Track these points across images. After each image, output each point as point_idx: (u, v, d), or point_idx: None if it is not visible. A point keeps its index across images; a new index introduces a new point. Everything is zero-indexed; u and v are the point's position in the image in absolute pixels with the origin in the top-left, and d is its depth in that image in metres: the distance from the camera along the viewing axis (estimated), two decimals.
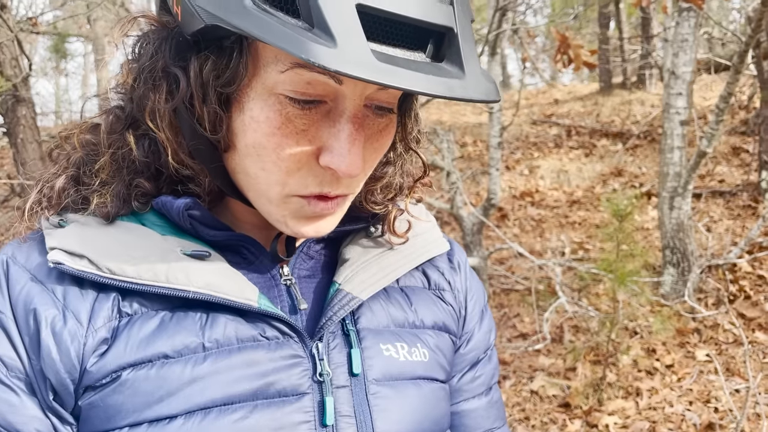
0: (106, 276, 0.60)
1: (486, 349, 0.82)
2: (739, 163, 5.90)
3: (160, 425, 0.58)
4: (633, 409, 3.30)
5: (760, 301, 3.95)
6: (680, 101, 4.14)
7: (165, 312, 0.62)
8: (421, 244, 0.76)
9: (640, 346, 3.74)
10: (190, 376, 0.59)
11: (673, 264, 4.11)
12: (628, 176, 6.13)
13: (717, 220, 4.98)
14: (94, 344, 0.59)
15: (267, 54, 0.56)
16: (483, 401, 0.81)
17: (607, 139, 7.14)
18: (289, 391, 0.62)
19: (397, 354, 0.69)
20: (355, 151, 0.58)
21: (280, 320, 0.63)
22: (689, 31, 4.13)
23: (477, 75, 0.54)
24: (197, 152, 0.62)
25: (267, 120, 0.57)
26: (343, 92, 0.57)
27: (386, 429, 0.65)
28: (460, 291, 0.80)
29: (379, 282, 0.70)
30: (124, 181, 0.64)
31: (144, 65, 0.61)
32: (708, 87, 8.31)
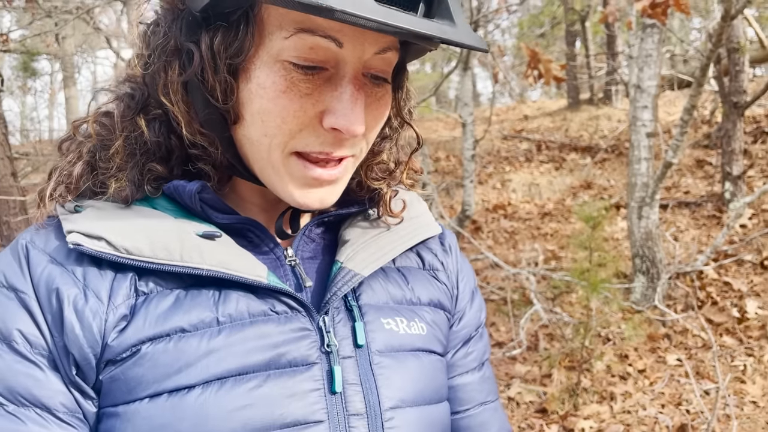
0: (123, 256, 0.62)
1: (477, 326, 0.87)
2: (703, 175, 6.08)
3: (180, 395, 0.61)
4: (608, 413, 3.36)
5: (726, 306, 4.07)
6: (646, 114, 4.28)
7: (179, 290, 0.65)
8: (416, 226, 0.81)
9: (613, 352, 3.82)
10: (206, 349, 0.62)
11: (643, 272, 4.22)
12: (597, 189, 6.27)
13: (683, 230, 5.13)
14: (114, 320, 0.62)
15: (271, 22, 0.61)
16: (476, 376, 0.85)
17: (576, 153, 7.31)
18: (299, 361, 0.65)
19: (397, 327, 0.73)
20: (358, 111, 0.62)
21: (288, 296, 0.67)
22: (653, 46, 4.28)
23: (466, 26, 0.60)
24: (209, 123, 0.65)
25: (273, 85, 0.61)
26: (344, 57, 0.61)
27: (390, 396, 0.68)
28: (452, 272, 0.85)
29: (378, 260, 0.74)
30: (138, 164, 0.67)
31: (157, 44, 0.65)
32: (671, 103, 8.57)
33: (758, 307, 3.98)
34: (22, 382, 0.60)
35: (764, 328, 3.80)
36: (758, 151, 6.26)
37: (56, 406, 0.61)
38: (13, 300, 0.62)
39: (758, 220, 4.99)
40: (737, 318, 3.94)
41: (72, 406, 0.62)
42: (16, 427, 0.59)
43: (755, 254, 4.52)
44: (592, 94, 9.64)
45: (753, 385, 3.38)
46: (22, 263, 0.64)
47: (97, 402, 0.63)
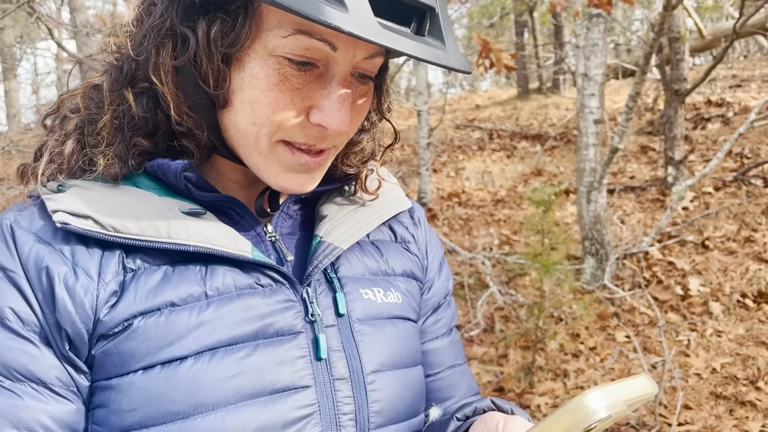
0: (110, 234, 0.64)
1: (445, 294, 0.92)
2: (647, 161, 6.32)
3: (173, 366, 0.63)
4: (561, 390, 3.49)
5: (670, 284, 4.26)
6: (593, 101, 4.43)
7: (166, 266, 0.67)
8: (388, 201, 0.85)
9: (565, 331, 3.97)
10: (196, 321, 0.65)
11: (592, 253, 4.38)
12: (547, 175, 6.45)
13: (629, 213, 5.33)
14: (105, 296, 0.64)
15: (270, 19, 0.63)
16: (445, 341, 0.90)
17: (526, 141, 7.48)
18: (285, 331, 0.69)
19: (375, 297, 0.77)
20: (344, 111, 0.66)
21: (272, 269, 0.70)
22: (599, 36, 4.43)
23: (455, 49, 0.64)
24: (197, 107, 0.68)
25: (266, 77, 0.64)
26: (336, 58, 0.65)
27: (371, 360, 0.73)
28: (422, 243, 0.90)
29: (355, 234, 0.78)
30: (125, 139, 0.69)
31: (153, 24, 0.66)
32: (616, 91, 8.84)
33: (700, 285, 4.18)
34: (17, 358, 0.62)
35: (706, 305, 4.00)
36: (698, 137, 6.53)
37: (51, 380, 0.63)
38: (2, 279, 0.64)
39: (699, 203, 5.22)
40: (681, 295, 4.13)
41: (66, 379, 0.64)
42: (13, 401, 0.61)
43: (697, 235, 4.74)
44: (541, 84, 9.86)
45: (696, 358, 3.56)
46: (8, 243, 0.65)
47: (90, 376, 0.65)
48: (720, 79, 8.69)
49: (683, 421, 3.08)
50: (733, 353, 3.55)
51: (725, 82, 8.64)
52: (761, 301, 3.93)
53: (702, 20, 9.29)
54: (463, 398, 0.90)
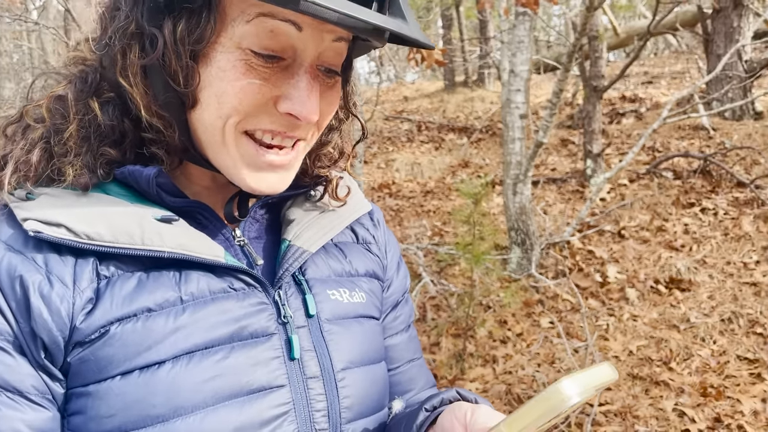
0: (84, 242, 0.64)
1: (403, 292, 0.96)
2: (567, 153, 6.59)
3: (151, 370, 0.64)
4: (491, 375, 3.63)
5: (590, 272, 4.49)
6: (519, 97, 4.58)
7: (140, 272, 0.67)
8: (352, 204, 0.88)
9: (493, 319, 4.11)
10: (173, 326, 0.66)
11: (518, 243, 4.55)
12: (474, 167, 6.62)
13: (552, 204, 5.55)
14: (81, 303, 0.64)
15: (233, 10, 0.64)
16: (404, 337, 0.94)
17: (453, 134, 7.64)
18: (259, 333, 0.71)
19: (341, 297, 0.80)
20: (313, 98, 0.68)
21: (244, 273, 0.72)
22: (525, 33, 4.58)
23: (416, 24, 0.66)
24: (167, 106, 0.68)
25: (233, 68, 0.65)
26: (302, 44, 0.66)
27: (340, 358, 0.76)
28: (381, 244, 0.93)
29: (323, 238, 0.80)
30: (93, 149, 0.69)
31: (118, 27, 0.66)
32: (538, 86, 9.14)
33: (617, 272, 4.42)
34: None
35: (623, 291, 4.24)
36: (614, 131, 6.87)
37: (27, 389, 0.62)
38: None
39: (615, 194, 5.51)
40: (600, 282, 4.36)
41: (42, 387, 0.63)
42: None
43: (614, 225, 5.00)
44: (467, 77, 10.07)
45: (615, 342, 3.78)
46: None
47: (65, 383, 0.65)
48: (633, 76, 9.15)
49: (603, 402, 3.27)
50: (647, 336, 3.79)
51: (638, 79, 9.11)
52: (672, 287, 4.21)
53: (616, 19, 9.72)
54: (421, 390, 0.94)
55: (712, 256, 4.48)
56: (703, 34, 7.07)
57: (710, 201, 5.12)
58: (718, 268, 4.35)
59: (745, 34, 6.61)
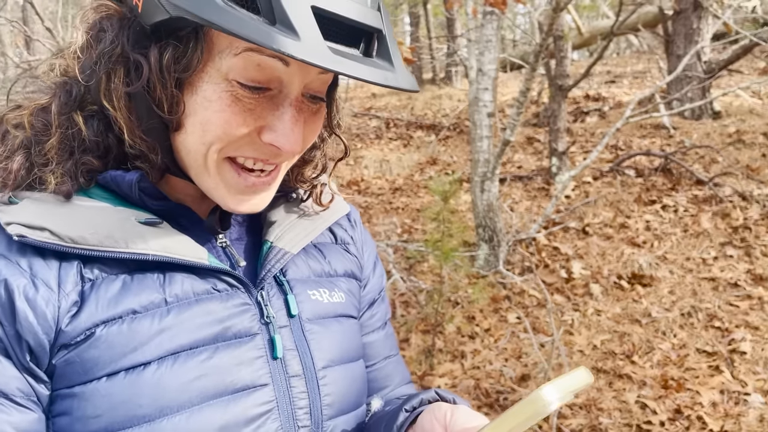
0: (68, 245, 0.65)
1: (380, 290, 0.98)
2: (533, 151, 6.70)
3: (137, 371, 0.65)
4: (459, 370, 3.68)
5: (556, 268, 4.58)
6: (487, 95, 4.64)
7: (124, 275, 0.68)
8: (331, 207, 0.90)
9: (462, 315, 4.16)
10: (158, 327, 0.67)
11: (486, 240, 4.61)
12: (442, 164, 6.67)
13: (518, 201, 5.64)
14: (67, 306, 0.65)
15: (221, 42, 0.65)
16: (381, 334, 0.97)
17: (421, 131, 7.69)
18: (243, 333, 0.72)
19: (321, 297, 0.82)
20: (297, 131, 0.69)
21: (227, 275, 0.73)
22: (493, 33, 4.63)
23: (403, 69, 0.68)
24: (150, 131, 0.69)
25: (219, 99, 0.66)
26: (287, 79, 0.67)
27: (321, 357, 0.78)
28: (359, 244, 0.95)
29: (304, 239, 0.82)
30: (75, 160, 0.69)
31: (103, 51, 0.66)
32: (504, 84, 9.25)
33: (582, 268, 4.52)
34: None
35: (587, 286, 4.34)
36: (578, 129, 7.00)
37: (13, 391, 0.63)
38: None
39: (580, 192, 5.62)
40: (565, 278, 4.45)
41: (27, 390, 0.64)
42: None
43: (578, 221, 5.11)
44: (435, 75, 10.13)
45: (579, 336, 3.87)
46: None
47: (50, 385, 0.65)
48: (596, 75, 9.33)
49: None
50: (611, 330, 3.88)
51: (601, 78, 9.29)
52: (635, 282, 4.32)
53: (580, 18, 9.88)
54: (398, 386, 0.96)
55: (672, 252, 4.61)
56: (664, 35, 7.25)
57: (671, 198, 5.26)
58: (678, 264, 4.48)
59: (704, 36, 6.80)
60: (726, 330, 3.75)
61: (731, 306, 3.98)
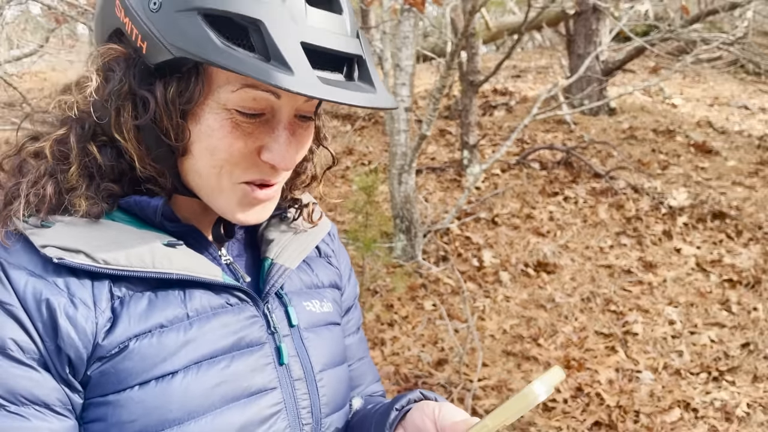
0: (102, 267, 0.72)
1: (354, 298, 1.08)
2: (445, 143, 6.93)
3: (166, 380, 0.73)
4: (380, 357, 3.83)
5: (468, 257, 4.82)
6: (405, 90, 4.78)
7: (149, 292, 0.76)
8: (319, 224, 0.99)
9: (381, 303, 4.32)
10: (183, 339, 0.75)
11: (403, 231, 4.78)
12: (358, 155, 6.78)
13: (432, 192, 5.85)
14: (103, 322, 0.72)
15: (220, 78, 0.73)
16: (356, 338, 1.07)
17: (337, 121, 7.75)
18: (254, 342, 0.81)
19: (314, 308, 0.92)
20: (291, 151, 0.78)
21: (238, 290, 0.82)
22: (410, 29, 4.77)
23: (383, 89, 0.77)
24: (159, 158, 0.76)
25: (221, 127, 0.74)
26: (280, 106, 0.76)
27: (318, 362, 0.88)
28: (337, 256, 1.05)
29: (300, 255, 0.92)
30: (97, 185, 0.76)
31: (113, 89, 0.73)
32: (416, 76, 9.44)
33: (492, 257, 4.79)
34: (21, 384, 0.68)
35: (497, 274, 4.61)
36: (487, 123, 7.30)
37: (53, 401, 0.70)
38: (1, 313, 0.68)
39: (489, 183, 5.90)
40: (477, 266, 4.70)
41: (65, 399, 0.71)
42: (21, 424, 0.68)
43: (488, 212, 5.38)
44: None
45: (490, 322, 4.12)
46: (2, 279, 0.69)
47: (83, 394, 0.72)
48: (503, 69, 9.70)
49: (482, 377, 3.58)
50: (519, 316, 4.16)
51: (507, 72, 9.69)
52: (540, 270, 4.63)
53: (488, 14, 10.23)
54: (370, 384, 1.08)
55: (573, 241, 4.97)
56: (566, 34, 7.68)
57: (571, 190, 5.64)
58: (578, 252, 4.84)
59: (602, 37, 7.27)
60: (620, 313, 4.12)
61: (625, 291, 4.37)
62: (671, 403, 3.31)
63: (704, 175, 5.88)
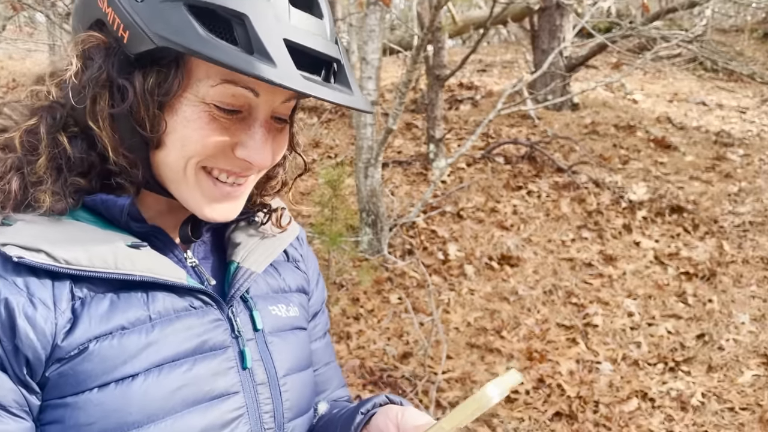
0: (63, 267, 0.71)
1: (321, 303, 1.09)
2: (411, 137, 6.96)
3: (126, 383, 0.73)
4: (345, 351, 3.85)
5: (434, 251, 4.86)
6: (371, 84, 4.78)
7: (111, 293, 0.75)
8: (288, 229, 0.99)
9: (347, 297, 4.33)
10: (145, 342, 0.75)
11: (369, 224, 4.79)
12: (325, 147, 6.77)
13: (398, 185, 5.87)
14: (63, 323, 0.71)
15: (199, 71, 0.73)
16: (322, 342, 1.07)
17: (303, 113, 7.71)
18: (218, 346, 0.81)
19: (280, 312, 0.92)
20: (267, 148, 0.79)
21: (203, 293, 0.82)
22: (376, 23, 4.77)
23: (359, 93, 0.79)
24: (133, 147, 0.76)
25: (198, 119, 0.74)
26: (258, 104, 0.76)
27: (282, 366, 0.88)
28: (306, 260, 1.05)
29: (267, 259, 0.92)
30: (63, 178, 0.75)
31: (91, 77, 0.73)
32: (382, 69, 9.44)
33: (457, 250, 4.84)
34: None
35: (462, 267, 4.66)
36: (453, 117, 7.35)
37: (10, 403, 0.69)
38: None
39: (455, 177, 5.95)
40: (442, 260, 4.74)
41: (21, 401, 0.70)
42: None
43: (453, 206, 5.43)
44: None
45: (455, 314, 4.17)
46: None
47: (41, 396, 0.71)
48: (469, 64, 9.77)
49: (446, 370, 3.63)
50: (483, 308, 4.22)
51: (473, 66, 9.75)
52: (503, 263, 4.70)
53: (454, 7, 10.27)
54: (335, 389, 1.08)
55: (536, 235, 5.05)
56: (530, 29, 7.76)
57: (535, 185, 5.73)
58: (541, 246, 4.92)
59: (566, 33, 7.37)
60: (581, 305, 4.21)
61: (586, 284, 4.46)
62: (629, 393, 3.40)
63: (663, 170, 6.03)
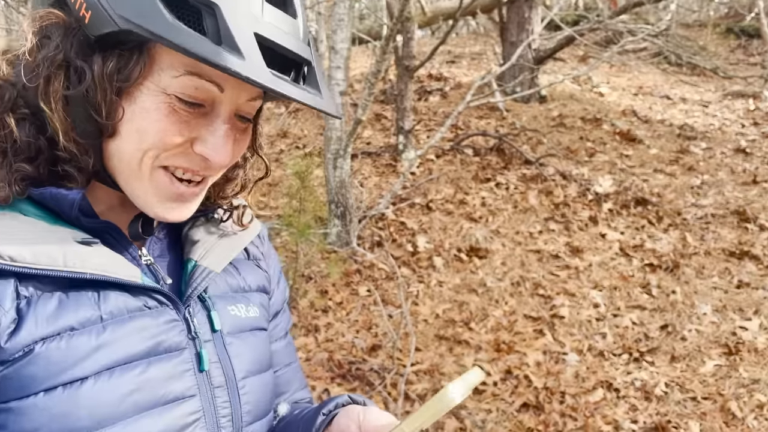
0: (6, 263, 0.67)
1: (283, 302, 1.05)
2: (380, 128, 6.93)
3: (75, 386, 0.68)
4: (314, 344, 3.82)
5: (403, 243, 4.85)
6: (339, 74, 4.73)
7: (59, 292, 0.71)
8: (249, 227, 0.96)
9: (315, 289, 4.30)
10: (95, 343, 0.71)
11: (338, 216, 4.76)
12: (293, 138, 6.70)
13: (368, 177, 5.85)
14: (6, 324, 0.67)
15: (163, 60, 0.69)
16: (283, 343, 1.04)
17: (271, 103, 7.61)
18: (173, 348, 0.77)
19: (239, 312, 0.88)
20: (228, 146, 0.75)
21: (157, 292, 0.78)
22: (345, 11, 4.72)
23: (329, 96, 0.76)
24: (85, 134, 0.71)
25: (156, 110, 0.70)
26: (222, 99, 0.73)
27: (241, 368, 0.85)
28: (267, 258, 1.02)
29: (226, 258, 0.88)
30: (8, 164, 0.70)
31: (46, 56, 0.68)
32: (351, 59, 9.37)
33: (426, 242, 4.84)
34: None
35: (431, 259, 4.66)
36: (422, 108, 7.34)
37: None
38: None
39: (424, 169, 5.94)
40: (411, 252, 4.74)
41: None
42: None
43: (422, 198, 5.42)
44: None
45: (424, 306, 4.17)
46: None
47: None
48: (438, 55, 9.76)
49: (415, 362, 3.63)
50: (451, 300, 4.23)
51: (442, 57, 9.75)
52: (472, 255, 4.72)
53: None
54: (296, 391, 1.06)
55: (504, 227, 5.08)
56: (499, 21, 7.78)
57: (503, 176, 5.75)
58: (509, 238, 4.95)
59: (534, 25, 7.41)
60: (548, 297, 4.25)
61: (552, 275, 4.50)
62: (595, 384, 3.44)
63: (628, 163, 6.11)
